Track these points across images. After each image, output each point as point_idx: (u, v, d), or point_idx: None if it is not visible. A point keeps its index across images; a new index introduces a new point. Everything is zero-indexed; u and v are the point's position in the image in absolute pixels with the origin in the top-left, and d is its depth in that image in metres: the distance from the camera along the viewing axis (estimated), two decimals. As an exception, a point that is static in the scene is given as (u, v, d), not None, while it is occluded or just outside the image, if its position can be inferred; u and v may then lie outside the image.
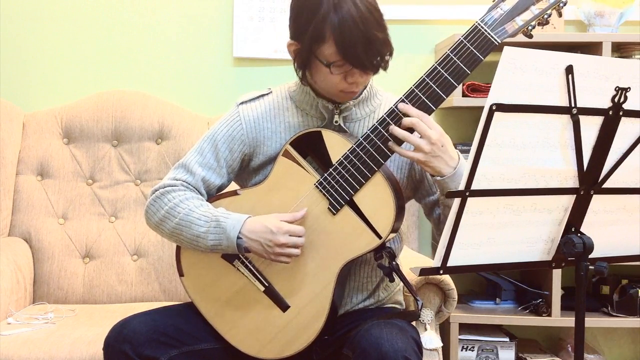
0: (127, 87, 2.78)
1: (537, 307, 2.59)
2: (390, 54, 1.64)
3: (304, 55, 1.64)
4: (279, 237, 1.62)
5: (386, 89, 1.85)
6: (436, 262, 1.35)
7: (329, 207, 1.66)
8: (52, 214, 2.55)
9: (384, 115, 1.62)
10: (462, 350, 2.61)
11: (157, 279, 2.50)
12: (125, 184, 2.59)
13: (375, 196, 1.63)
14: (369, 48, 1.57)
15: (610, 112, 1.35)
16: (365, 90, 1.75)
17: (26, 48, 2.84)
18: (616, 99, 1.34)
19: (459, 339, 2.59)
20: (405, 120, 1.58)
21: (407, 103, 1.59)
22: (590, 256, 1.38)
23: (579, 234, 1.41)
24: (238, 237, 1.65)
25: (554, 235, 1.43)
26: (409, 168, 1.76)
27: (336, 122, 1.73)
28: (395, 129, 1.58)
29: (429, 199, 1.76)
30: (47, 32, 2.84)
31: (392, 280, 1.71)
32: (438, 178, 1.59)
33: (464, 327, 2.61)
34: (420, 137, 1.57)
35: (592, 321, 2.58)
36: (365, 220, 1.63)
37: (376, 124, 1.62)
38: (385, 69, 1.65)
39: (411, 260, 2.25)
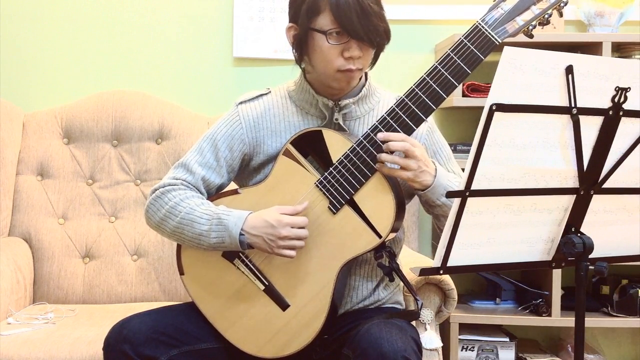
0: (127, 87, 2.78)
1: (537, 307, 2.59)
2: (386, 32, 1.65)
3: (302, 33, 1.66)
4: (280, 230, 1.62)
5: (386, 88, 1.85)
6: (436, 262, 1.35)
7: (329, 207, 1.66)
8: (52, 214, 2.55)
9: (384, 115, 1.62)
10: (462, 350, 2.61)
11: (157, 279, 2.50)
12: (125, 184, 2.59)
13: (375, 195, 1.63)
14: (363, 17, 1.60)
15: (610, 112, 1.35)
16: (364, 88, 1.75)
17: (26, 48, 2.84)
18: (616, 99, 1.34)
19: (459, 339, 2.58)
20: (395, 145, 1.60)
21: (408, 102, 1.60)
22: (590, 256, 1.38)
23: (579, 234, 1.41)
24: (240, 234, 1.65)
25: (554, 235, 1.43)
26: None
27: (336, 119, 1.73)
28: (383, 156, 1.61)
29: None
30: (47, 32, 2.84)
31: (392, 279, 1.71)
32: (425, 191, 1.62)
33: (464, 327, 2.61)
34: (407, 157, 1.60)
35: (592, 321, 2.57)
36: (365, 220, 1.63)
37: (376, 124, 1.63)
38: (381, 47, 1.67)
39: (411, 260, 2.25)
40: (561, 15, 1.57)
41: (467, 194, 1.31)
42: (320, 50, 1.65)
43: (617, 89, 1.33)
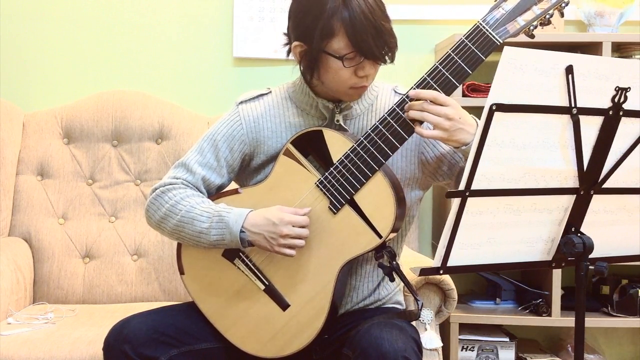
0: (127, 87, 2.78)
1: (537, 307, 2.59)
2: (396, 45, 1.66)
3: (314, 54, 1.64)
4: (282, 228, 1.62)
5: (383, 80, 1.85)
6: (436, 262, 1.35)
7: (329, 206, 1.66)
8: (52, 214, 2.55)
9: (385, 115, 1.62)
10: (462, 350, 2.61)
11: (157, 279, 2.50)
12: (125, 184, 2.59)
13: (375, 195, 1.63)
14: (378, 38, 1.60)
15: (610, 112, 1.35)
16: (363, 85, 1.76)
17: (26, 48, 2.84)
18: (616, 99, 1.34)
19: (459, 339, 2.58)
20: (417, 105, 1.57)
21: (409, 102, 1.60)
22: (590, 256, 1.38)
23: (579, 234, 1.41)
24: (241, 231, 1.65)
25: (554, 235, 1.43)
26: (418, 156, 1.76)
27: (337, 120, 1.73)
28: (412, 113, 1.58)
29: (455, 169, 1.75)
30: (47, 32, 2.84)
31: (392, 279, 1.71)
32: (463, 147, 1.59)
33: (464, 327, 2.61)
34: (438, 116, 1.56)
35: (592, 321, 2.57)
36: (365, 220, 1.63)
37: (377, 124, 1.63)
38: (392, 60, 1.67)
39: (411, 260, 2.25)
40: (562, 15, 1.57)
41: (467, 194, 1.31)
42: (334, 72, 1.64)
43: (617, 89, 1.33)
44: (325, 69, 1.65)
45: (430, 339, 2.01)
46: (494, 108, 1.27)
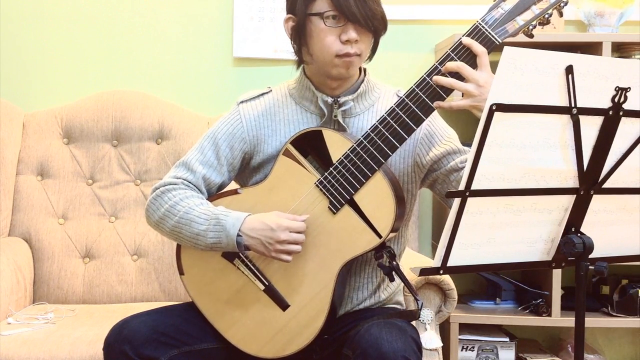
0: (127, 87, 2.78)
1: (537, 307, 2.59)
2: (382, 16, 1.66)
3: (299, 22, 1.67)
4: (279, 233, 1.62)
5: (386, 83, 1.85)
6: (436, 262, 1.35)
7: (329, 206, 1.66)
8: (52, 214, 2.55)
9: (384, 115, 1.62)
10: (462, 350, 2.61)
11: (157, 279, 2.50)
12: (125, 184, 2.59)
13: (375, 195, 1.63)
14: (360, 0, 1.61)
15: (610, 112, 1.35)
16: (362, 84, 1.76)
17: (26, 48, 2.84)
18: (616, 99, 1.34)
19: (459, 339, 2.58)
20: (451, 65, 1.56)
21: (408, 102, 1.60)
22: (590, 256, 1.38)
23: (579, 234, 1.41)
24: (238, 235, 1.65)
25: (554, 235, 1.43)
26: (413, 157, 1.76)
27: (335, 116, 1.73)
28: (441, 79, 1.57)
29: (446, 170, 1.73)
30: (47, 32, 2.84)
31: (392, 280, 1.71)
32: None
33: (464, 327, 2.61)
34: (467, 82, 1.55)
35: (592, 321, 2.57)
36: (365, 220, 1.63)
37: (376, 124, 1.63)
38: (380, 31, 1.67)
39: (411, 260, 2.25)
40: (561, 15, 1.57)
41: (467, 194, 1.31)
42: (317, 35, 1.66)
43: (617, 89, 1.33)
44: (310, 34, 1.67)
45: (430, 339, 2.01)
46: (494, 108, 1.27)
